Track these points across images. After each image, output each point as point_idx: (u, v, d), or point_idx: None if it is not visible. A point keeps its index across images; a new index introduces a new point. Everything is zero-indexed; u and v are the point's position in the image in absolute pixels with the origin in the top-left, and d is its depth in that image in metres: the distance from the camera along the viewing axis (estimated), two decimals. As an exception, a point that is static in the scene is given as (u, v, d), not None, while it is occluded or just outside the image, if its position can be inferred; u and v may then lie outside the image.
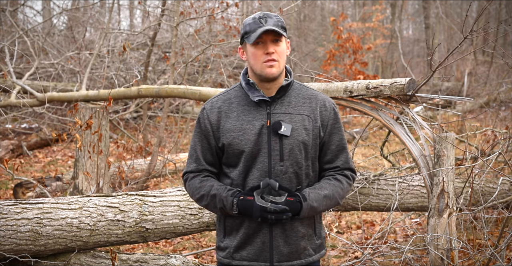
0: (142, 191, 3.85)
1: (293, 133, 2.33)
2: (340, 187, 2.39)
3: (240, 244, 2.36)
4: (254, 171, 2.32)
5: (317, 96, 2.43)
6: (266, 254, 2.34)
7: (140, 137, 9.97)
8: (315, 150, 2.40)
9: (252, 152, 2.32)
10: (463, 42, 3.51)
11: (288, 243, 2.35)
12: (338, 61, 13.39)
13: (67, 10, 11.58)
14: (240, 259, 2.36)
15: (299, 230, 2.37)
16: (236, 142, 2.32)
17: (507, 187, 4.73)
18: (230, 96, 2.42)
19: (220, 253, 2.43)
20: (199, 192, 2.37)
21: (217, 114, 2.38)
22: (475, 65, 15.26)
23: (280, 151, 2.32)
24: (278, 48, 2.31)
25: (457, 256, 3.35)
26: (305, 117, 2.37)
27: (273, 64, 2.30)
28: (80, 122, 4.79)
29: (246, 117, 2.35)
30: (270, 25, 2.28)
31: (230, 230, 2.39)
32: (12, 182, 7.52)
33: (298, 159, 2.34)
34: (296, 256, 2.37)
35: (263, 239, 2.33)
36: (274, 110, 2.35)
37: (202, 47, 8.47)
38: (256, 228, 2.33)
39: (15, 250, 3.27)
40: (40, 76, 11.15)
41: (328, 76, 4.41)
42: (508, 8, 16.32)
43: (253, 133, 2.32)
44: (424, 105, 3.89)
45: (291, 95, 2.40)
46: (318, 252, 2.45)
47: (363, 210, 4.59)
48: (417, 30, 27.55)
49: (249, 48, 2.33)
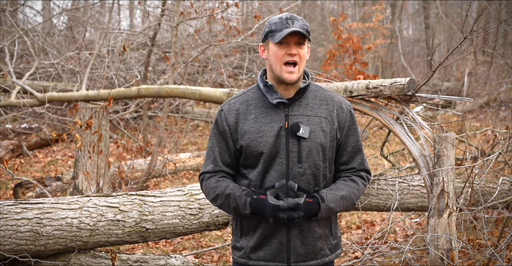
0: (142, 191, 3.85)
1: (311, 135, 2.34)
2: (356, 188, 2.41)
3: (257, 245, 2.38)
4: (272, 172, 2.33)
5: (333, 98, 2.44)
6: (283, 255, 2.35)
7: (140, 137, 9.97)
8: (332, 152, 2.41)
9: (270, 154, 2.33)
10: (463, 42, 3.51)
11: (305, 244, 2.36)
12: (338, 61, 13.38)
13: (67, 10, 11.58)
14: (257, 259, 2.38)
15: (316, 231, 2.38)
16: (254, 143, 2.33)
17: (507, 187, 4.73)
18: (248, 98, 2.42)
19: (236, 253, 2.44)
20: (214, 191, 2.37)
21: (235, 116, 2.38)
22: (475, 65, 15.26)
23: (298, 152, 2.33)
24: (301, 51, 2.32)
25: (457, 256, 3.35)
26: (323, 119, 2.38)
27: (293, 70, 2.31)
28: (80, 122, 4.79)
29: (264, 119, 2.36)
30: (296, 27, 2.29)
31: (247, 231, 2.40)
32: (12, 182, 7.52)
33: (316, 161, 2.35)
34: (312, 256, 2.38)
35: (280, 239, 2.35)
36: (292, 112, 2.36)
37: (202, 47, 8.47)
38: (273, 228, 2.34)
39: (15, 250, 3.27)
40: (40, 76, 11.15)
41: (328, 76, 4.41)
42: (508, 8, 16.32)
43: (272, 135, 2.33)
44: (424, 105, 3.89)
45: (308, 97, 2.41)
46: (334, 252, 2.47)
47: (363, 210, 4.59)
48: (417, 30, 27.55)
49: (271, 47, 2.33)
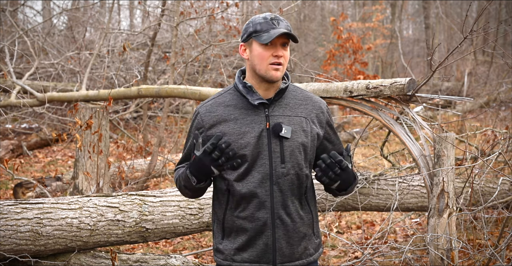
0: (142, 191, 3.85)
1: (293, 135, 2.34)
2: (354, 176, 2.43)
3: (242, 247, 2.35)
4: (255, 173, 2.31)
5: (312, 99, 2.45)
6: (269, 256, 2.34)
7: (140, 137, 9.97)
8: (312, 152, 2.41)
9: (252, 155, 2.31)
10: (463, 42, 3.51)
11: (290, 244, 2.35)
12: (338, 61, 13.38)
13: (67, 10, 11.58)
14: (241, 261, 2.35)
15: (300, 231, 2.37)
16: (235, 145, 2.30)
17: (507, 187, 4.73)
18: (225, 99, 2.40)
19: (219, 256, 2.41)
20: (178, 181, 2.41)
21: (212, 119, 2.35)
22: (475, 65, 15.26)
23: (281, 153, 2.32)
24: (285, 52, 2.32)
25: (457, 256, 3.35)
26: (303, 119, 2.38)
27: (278, 68, 2.30)
28: (80, 122, 4.79)
29: (245, 120, 2.33)
30: (282, 28, 2.28)
31: (229, 232, 2.38)
32: (12, 182, 7.52)
33: (299, 161, 2.35)
34: (298, 256, 2.37)
35: (266, 241, 2.33)
36: (272, 113, 2.35)
37: (202, 47, 8.47)
38: (258, 230, 2.33)
39: (15, 250, 3.27)
40: (40, 76, 11.15)
41: (328, 76, 4.41)
42: (508, 8, 16.32)
43: (253, 136, 2.31)
44: (424, 105, 3.89)
45: (288, 97, 2.41)
46: (317, 251, 2.47)
47: (363, 210, 4.59)
48: (417, 30, 27.55)
49: (256, 48, 2.31)
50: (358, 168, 4.68)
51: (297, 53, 15.84)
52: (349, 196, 4.39)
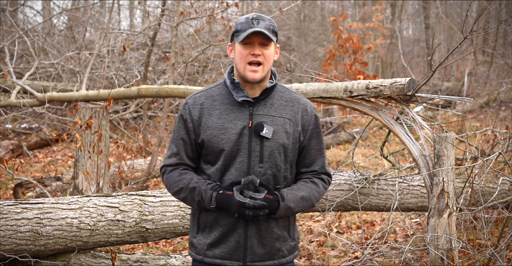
0: (142, 191, 3.85)
1: (274, 136, 2.35)
2: (317, 190, 2.43)
3: (214, 242, 2.37)
4: (233, 170, 2.33)
5: (299, 100, 2.45)
6: (240, 254, 2.35)
7: (140, 137, 9.97)
8: (294, 154, 2.42)
9: (231, 151, 2.33)
10: (463, 42, 3.51)
11: (262, 244, 2.37)
12: (338, 61, 13.38)
13: (67, 10, 11.57)
14: (213, 257, 2.37)
15: (274, 232, 2.38)
16: (216, 140, 2.33)
17: (507, 187, 4.73)
18: (213, 93, 2.42)
19: (193, 249, 2.43)
20: (177, 185, 2.37)
21: (199, 111, 2.38)
22: (475, 65, 15.26)
23: (260, 152, 2.33)
24: (265, 51, 2.32)
25: (457, 256, 3.35)
26: (287, 121, 2.39)
27: (256, 69, 2.31)
28: (80, 122, 4.79)
29: (228, 116, 2.35)
30: (261, 27, 2.30)
31: (204, 227, 2.40)
32: (12, 182, 7.52)
33: (277, 162, 2.36)
34: (269, 256, 2.39)
35: (237, 238, 2.34)
36: (256, 112, 2.36)
37: (202, 47, 8.47)
38: (231, 227, 2.34)
39: (15, 250, 3.27)
40: (40, 76, 11.14)
41: (328, 76, 4.41)
42: (508, 8, 16.32)
43: (234, 133, 2.33)
44: (424, 105, 3.89)
45: (274, 97, 2.41)
46: (292, 253, 2.47)
47: (363, 210, 4.59)
48: (417, 30, 27.54)
49: (237, 47, 2.35)
50: (358, 168, 4.67)
51: (297, 53, 15.85)
52: (349, 196, 4.39)
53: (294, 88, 3.91)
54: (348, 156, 4.98)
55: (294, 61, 7.53)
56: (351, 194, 4.38)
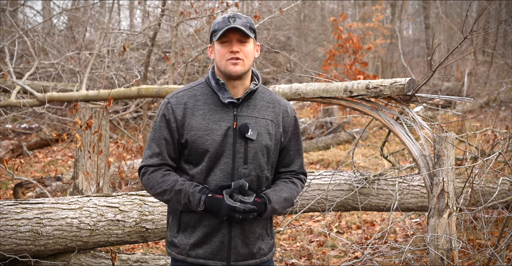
0: (142, 191, 3.85)
1: (258, 137, 2.36)
2: (296, 190, 2.47)
3: (197, 242, 2.36)
4: (217, 171, 2.33)
5: (280, 102, 2.47)
6: (224, 254, 2.36)
7: (140, 137, 9.96)
8: (275, 155, 2.44)
9: (216, 153, 2.32)
10: (463, 42, 3.51)
11: (245, 243, 2.38)
12: (338, 61, 13.39)
13: (67, 10, 11.58)
14: (196, 257, 2.37)
15: (256, 231, 2.40)
16: (201, 140, 2.32)
17: (507, 187, 4.73)
18: (196, 93, 2.40)
19: (174, 249, 2.42)
20: (161, 186, 2.34)
21: (182, 110, 2.36)
22: (475, 65, 15.26)
23: (244, 153, 2.34)
24: (244, 48, 2.32)
25: (457, 256, 3.35)
26: (269, 122, 2.40)
27: (237, 62, 2.31)
28: (80, 122, 4.79)
29: (213, 117, 2.35)
30: (237, 24, 2.30)
31: (186, 227, 2.38)
32: (12, 182, 7.52)
33: (261, 163, 2.37)
34: (251, 255, 2.40)
35: (221, 239, 2.35)
36: (240, 113, 2.36)
37: (202, 47, 8.47)
38: (215, 227, 2.34)
39: (15, 250, 3.27)
40: (40, 76, 11.15)
41: (328, 76, 4.40)
42: (508, 8, 16.32)
43: (219, 134, 2.32)
44: (424, 105, 3.89)
45: (256, 99, 2.42)
46: (271, 251, 2.50)
47: (363, 210, 4.59)
48: (417, 30, 27.54)
49: (215, 46, 2.35)
50: (358, 168, 4.67)
51: (297, 53, 15.85)
52: (349, 196, 4.39)
53: (294, 88, 3.92)
54: (348, 156, 4.98)
55: (294, 61, 7.53)
56: (351, 194, 4.38)
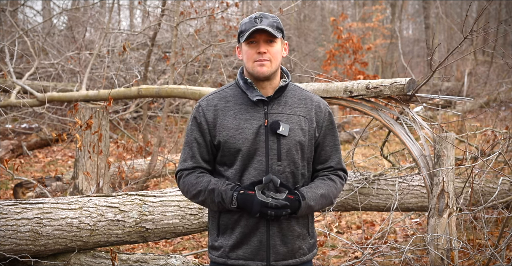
0: (142, 191, 3.85)
1: (290, 133, 2.35)
2: (335, 186, 2.43)
3: (236, 243, 2.35)
4: (251, 170, 2.33)
5: (312, 98, 2.46)
6: (263, 253, 2.34)
7: (140, 136, 9.97)
8: (310, 150, 2.42)
9: (249, 151, 2.32)
10: (463, 42, 3.51)
11: (284, 242, 2.36)
12: (338, 61, 13.39)
13: (67, 10, 11.58)
14: (236, 258, 2.36)
15: (295, 230, 2.38)
16: (233, 140, 2.32)
17: (507, 187, 4.73)
18: (226, 94, 2.42)
19: (214, 253, 2.41)
20: (195, 188, 2.34)
21: (213, 112, 2.38)
22: (475, 65, 15.26)
23: (278, 150, 2.33)
24: (271, 48, 2.32)
25: (457, 256, 3.35)
26: (302, 118, 2.39)
27: (264, 63, 2.31)
28: (80, 122, 4.79)
29: (244, 116, 2.35)
30: (264, 25, 2.30)
31: (225, 229, 2.38)
32: (12, 182, 7.52)
33: (295, 159, 2.36)
34: (291, 255, 2.38)
35: (260, 238, 2.34)
36: (271, 110, 2.36)
37: (202, 47, 8.47)
38: (253, 227, 2.33)
39: (15, 250, 3.27)
40: (40, 76, 11.15)
41: (328, 76, 4.41)
42: (508, 8, 16.32)
43: (251, 132, 2.33)
44: (424, 105, 3.89)
45: (287, 96, 2.42)
46: (311, 251, 2.47)
47: (363, 210, 4.59)
48: (417, 30, 27.53)
49: (243, 47, 2.36)
50: (358, 168, 4.67)
51: (297, 53, 15.84)
52: (349, 196, 4.39)
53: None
54: (348, 156, 4.98)
55: (294, 61, 7.53)
56: (351, 194, 4.38)
